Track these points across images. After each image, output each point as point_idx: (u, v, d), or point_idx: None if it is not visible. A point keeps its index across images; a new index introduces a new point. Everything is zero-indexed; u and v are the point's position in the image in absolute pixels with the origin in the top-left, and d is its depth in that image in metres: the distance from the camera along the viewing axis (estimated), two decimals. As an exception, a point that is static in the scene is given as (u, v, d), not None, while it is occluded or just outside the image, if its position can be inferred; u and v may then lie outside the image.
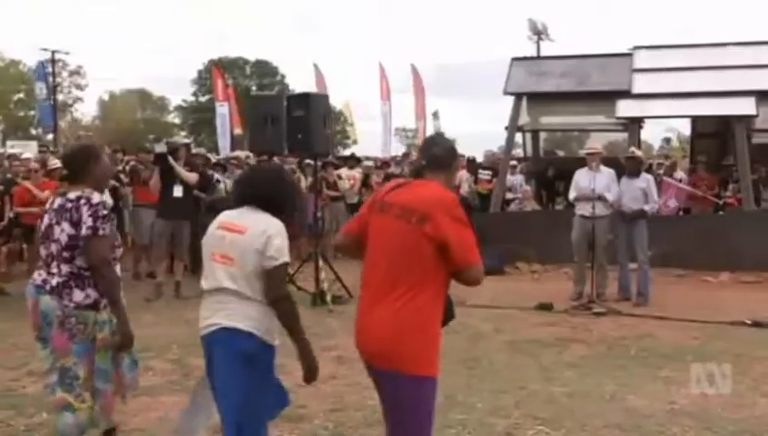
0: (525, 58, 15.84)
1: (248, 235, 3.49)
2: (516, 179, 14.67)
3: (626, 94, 13.29)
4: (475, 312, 8.62)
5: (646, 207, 9.65)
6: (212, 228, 3.66)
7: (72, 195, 4.00)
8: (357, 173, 14.87)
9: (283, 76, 62.25)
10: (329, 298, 9.14)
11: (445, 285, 3.26)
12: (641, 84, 13.39)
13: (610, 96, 13.39)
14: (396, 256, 3.19)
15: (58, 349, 3.94)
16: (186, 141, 13.88)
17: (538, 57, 23.65)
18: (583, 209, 9.65)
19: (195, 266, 10.89)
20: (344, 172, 14.78)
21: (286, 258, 3.51)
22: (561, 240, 10.27)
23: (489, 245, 12.23)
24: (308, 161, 12.84)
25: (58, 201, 4.07)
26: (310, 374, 3.66)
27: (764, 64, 13.29)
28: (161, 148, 10.03)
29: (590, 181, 9.48)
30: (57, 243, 3.97)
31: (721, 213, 13.24)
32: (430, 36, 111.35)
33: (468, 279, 3.22)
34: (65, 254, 3.95)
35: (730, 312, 8.78)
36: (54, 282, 3.95)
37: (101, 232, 3.94)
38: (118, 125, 57.38)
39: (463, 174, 15.09)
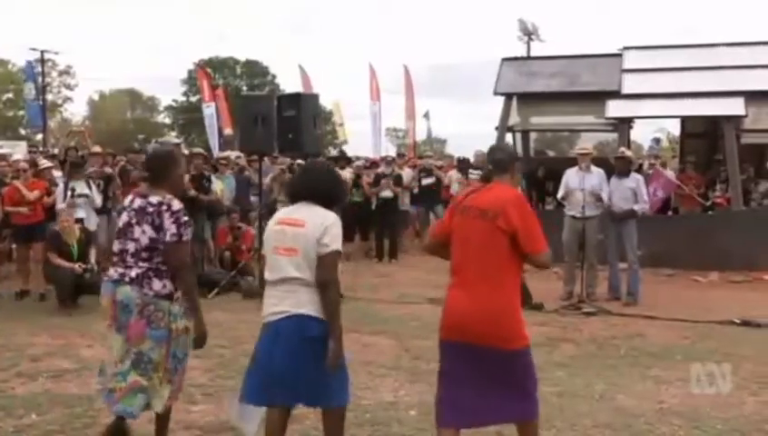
0: (515, 58, 15.88)
1: (308, 227, 3.91)
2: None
3: (616, 95, 13.35)
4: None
5: (636, 207, 9.68)
6: (272, 224, 4.09)
7: (153, 200, 4.21)
8: (347, 173, 14.84)
9: (274, 76, 62.25)
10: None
11: (521, 272, 3.93)
12: (630, 84, 13.45)
13: (600, 96, 13.44)
14: (480, 251, 3.81)
15: (135, 335, 4.14)
16: (177, 141, 13.84)
17: (528, 58, 23.69)
18: (573, 209, 9.68)
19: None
20: (335, 172, 14.73)
21: (338, 247, 3.91)
22: (551, 240, 10.11)
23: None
24: (299, 161, 12.82)
25: (138, 202, 4.27)
26: (335, 359, 3.88)
27: (753, 64, 13.38)
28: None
29: (580, 181, 9.51)
30: (136, 243, 4.20)
31: (710, 212, 13.29)
32: (422, 37, 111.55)
33: (539, 263, 3.93)
34: (144, 254, 4.19)
35: (719, 311, 8.83)
36: (134, 273, 4.18)
37: (184, 237, 4.20)
38: (108, 125, 57.24)
39: (453, 174, 15.13)
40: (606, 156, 12.82)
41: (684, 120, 15.97)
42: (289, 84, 57.23)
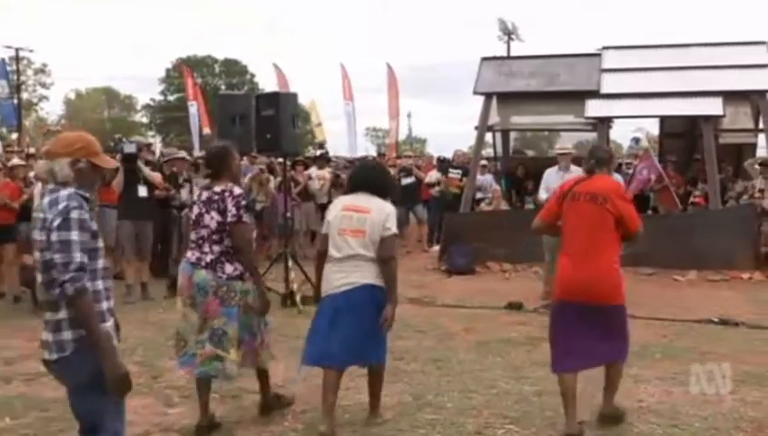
0: (494, 58, 15.92)
1: (373, 214, 4.85)
2: (486, 179, 14.75)
3: (595, 94, 13.40)
4: (445, 311, 8.66)
5: (616, 207, 9.71)
6: (337, 210, 4.96)
7: (217, 189, 4.90)
8: (327, 172, 14.84)
9: (252, 75, 62.09)
10: (298, 299, 9.12)
11: (620, 245, 4.99)
12: (609, 84, 13.51)
13: (579, 96, 13.49)
14: (591, 228, 4.86)
15: (210, 313, 4.83)
16: (150, 141, 13.72)
17: (508, 57, 23.78)
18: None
19: (162, 268, 10.82)
20: (314, 171, 14.75)
21: (396, 230, 4.93)
22: (530, 239, 10.27)
23: (459, 245, 12.34)
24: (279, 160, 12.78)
25: (205, 194, 4.97)
26: (392, 321, 4.89)
27: (730, 64, 13.48)
28: (130, 148, 9.90)
29: (560, 180, 9.54)
30: (207, 229, 4.88)
31: (689, 211, 13.38)
32: (401, 37, 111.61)
33: (634, 238, 5.08)
34: (215, 237, 4.86)
35: (698, 310, 8.91)
36: (209, 258, 4.86)
37: (244, 218, 4.87)
38: (85, 125, 56.65)
39: (433, 174, 15.18)
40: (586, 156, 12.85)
41: (663, 120, 16.08)
42: (268, 83, 56.89)
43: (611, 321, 4.93)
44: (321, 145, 21.17)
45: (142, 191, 9.77)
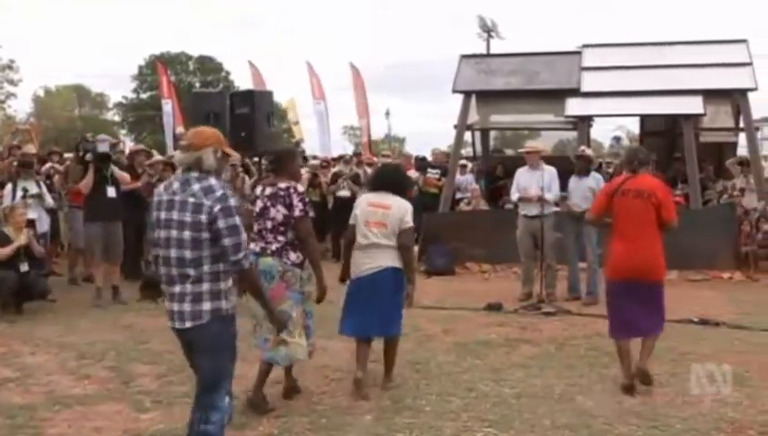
0: (473, 56, 15.96)
1: (394, 210, 5.84)
2: (465, 178, 14.78)
3: (575, 93, 13.48)
4: (423, 313, 8.66)
5: (595, 206, 9.78)
6: (364, 205, 5.93)
7: (282, 185, 5.47)
8: (304, 172, 14.78)
9: (228, 73, 61.66)
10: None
11: (661, 232, 6.00)
12: (590, 82, 13.60)
13: (559, 94, 13.57)
14: (639, 219, 5.92)
15: (277, 297, 5.22)
16: (115, 140, 13.57)
17: (487, 55, 23.85)
18: (526, 209, 9.78)
19: (133, 269, 10.72)
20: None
21: (412, 223, 5.89)
22: (510, 239, 10.37)
23: (438, 245, 12.36)
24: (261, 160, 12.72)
25: (269, 189, 5.51)
26: (412, 298, 5.93)
27: (711, 63, 13.61)
28: (104, 147, 9.80)
29: (531, 179, 9.60)
30: (273, 221, 5.44)
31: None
32: (380, 34, 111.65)
33: (671, 225, 5.98)
34: (281, 229, 5.44)
35: (678, 310, 8.93)
36: (274, 247, 5.43)
37: (309, 213, 5.51)
38: (54, 123, 56.17)
39: (411, 173, 15.16)
40: (567, 155, 12.94)
41: (644, 118, 16.18)
42: (244, 81, 56.82)
43: (655, 294, 6.01)
44: (298, 144, 21.08)
45: (111, 191, 9.68)
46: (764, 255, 12.17)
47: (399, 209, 5.84)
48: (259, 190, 5.68)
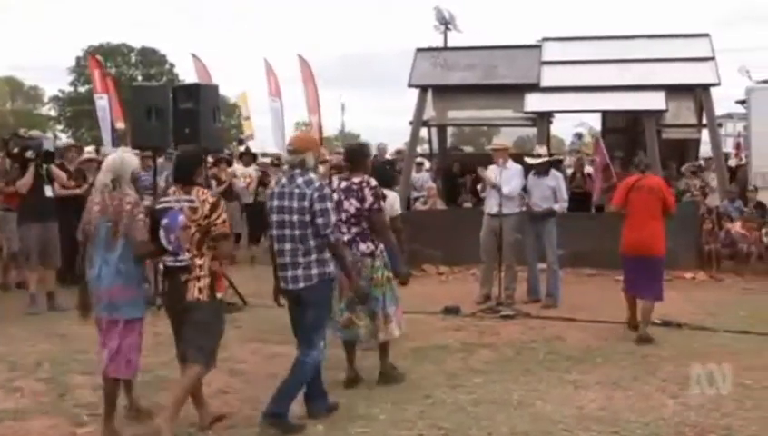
0: (430, 49, 16.04)
1: (390, 200, 6.99)
2: (421, 176, 14.83)
3: (535, 88, 13.63)
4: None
5: (556, 206, 9.90)
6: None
7: (356, 180, 6.14)
8: (252, 170, 14.71)
9: (172, 66, 61.05)
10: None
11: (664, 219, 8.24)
12: (550, 77, 13.76)
13: (518, 89, 13.70)
14: (650, 209, 8.06)
15: (345, 284, 5.81)
16: (40, 133, 13.34)
17: (444, 48, 23.96)
18: (489, 207, 9.83)
19: (70, 273, 10.51)
20: (239, 169, 14.61)
21: (401, 210, 7.25)
22: (468, 240, 10.44)
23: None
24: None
25: (344, 184, 6.21)
26: (406, 280, 6.74)
27: (674, 57, 13.86)
28: (48, 145, 9.66)
29: (497, 177, 9.65)
30: (346, 213, 6.08)
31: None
32: (334, 25, 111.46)
33: (673, 214, 8.40)
34: (353, 220, 6.11)
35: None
36: (346, 238, 6.02)
37: (381, 205, 6.23)
38: (-17, 118, 54.92)
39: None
40: (525, 153, 13.04)
41: (605, 115, 16.39)
42: (190, 74, 56.29)
43: (656, 267, 8.11)
44: (241, 142, 20.96)
45: (48, 191, 9.52)
46: (728, 254, 12.46)
47: (391, 199, 7.12)
48: (335, 184, 6.45)
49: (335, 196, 5.96)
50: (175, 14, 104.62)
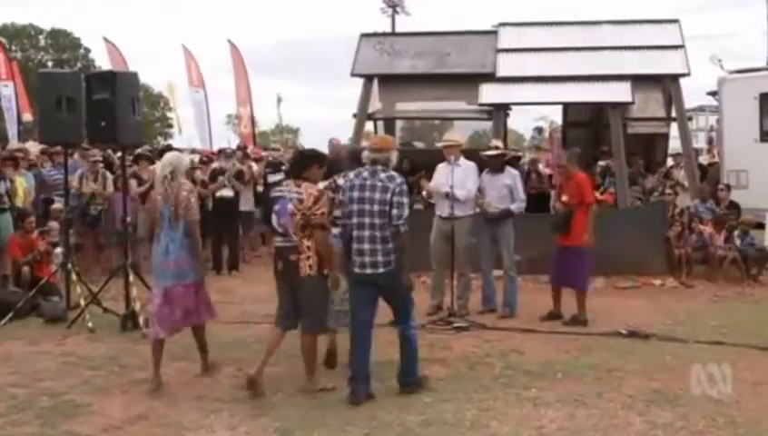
0: (375, 34, 16.08)
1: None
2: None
3: (490, 78, 13.72)
4: (318, 331, 8.65)
5: (513, 207, 9.96)
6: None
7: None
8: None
9: (87, 51, 60.13)
10: (142, 320, 8.91)
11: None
12: (506, 65, 13.88)
13: (472, 79, 13.79)
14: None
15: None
16: None
17: (392, 34, 24.05)
18: (440, 209, 9.83)
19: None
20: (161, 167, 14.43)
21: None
22: (418, 245, 10.36)
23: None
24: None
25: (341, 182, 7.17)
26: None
27: (641, 45, 14.08)
28: None
29: (447, 176, 9.63)
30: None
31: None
32: (272, 8, 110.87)
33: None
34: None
35: (604, 321, 9.26)
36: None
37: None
38: None
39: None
40: (479, 149, 13.13)
41: (567, 107, 16.57)
42: (107, 60, 55.51)
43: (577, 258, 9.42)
44: (167, 137, 20.73)
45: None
46: (699, 259, 12.60)
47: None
48: (341, 181, 7.11)
49: (341, 194, 7.02)
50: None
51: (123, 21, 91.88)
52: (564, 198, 9.68)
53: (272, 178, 14.43)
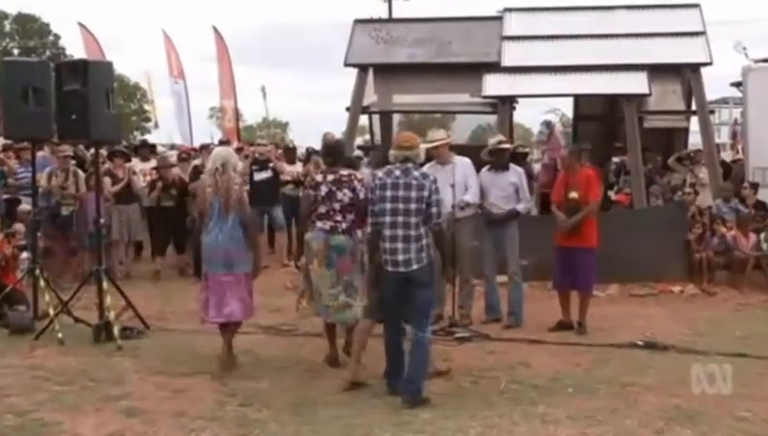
0: (371, 21, 16.07)
1: None
2: (362, 173, 14.79)
3: (495, 67, 13.71)
4: (309, 342, 8.66)
5: (519, 207, 9.99)
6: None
7: (344, 172, 7.76)
8: (150, 167, 14.58)
9: (57, 37, 60.10)
10: (116, 331, 8.90)
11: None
12: (512, 54, 13.86)
13: (476, 70, 13.77)
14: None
15: (345, 269, 7.66)
16: None
17: (389, 20, 24.01)
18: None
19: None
20: (137, 165, 14.44)
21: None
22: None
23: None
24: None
25: (331, 176, 7.74)
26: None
27: (659, 32, 14.04)
28: None
29: (442, 179, 9.51)
30: (340, 203, 7.65)
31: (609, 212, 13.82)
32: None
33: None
34: (348, 209, 7.66)
35: (619, 332, 9.26)
36: (344, 226, 7.68)
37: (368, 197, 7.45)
38: None
39: (295, 168, 15.11)
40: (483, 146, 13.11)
41: (578, 99, 16.58)
42: (80, 48, 55.45)
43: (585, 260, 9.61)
44: (144, 131, 20.74)
45: None
46: (722, 264, 12.58)
47: None
48: (320, 177, 7.85)
49: (324, 188, 7.70)
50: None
51: (97, 3, 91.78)
52: (572, 195, 9.60)
53: (259, 176, 14.43)
